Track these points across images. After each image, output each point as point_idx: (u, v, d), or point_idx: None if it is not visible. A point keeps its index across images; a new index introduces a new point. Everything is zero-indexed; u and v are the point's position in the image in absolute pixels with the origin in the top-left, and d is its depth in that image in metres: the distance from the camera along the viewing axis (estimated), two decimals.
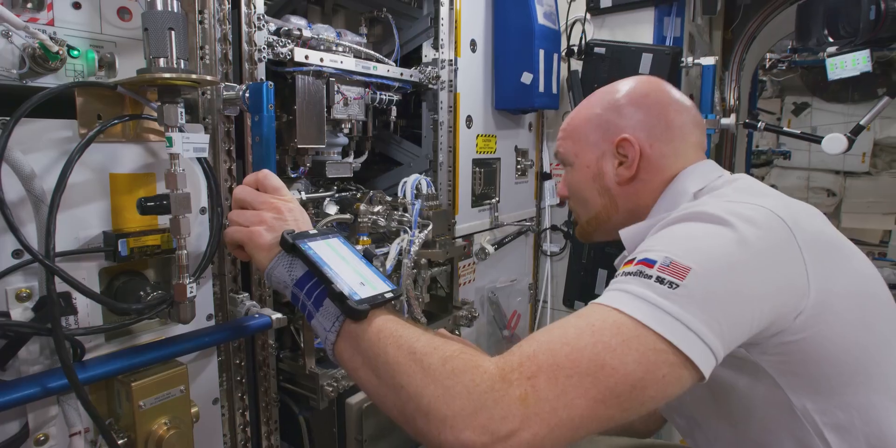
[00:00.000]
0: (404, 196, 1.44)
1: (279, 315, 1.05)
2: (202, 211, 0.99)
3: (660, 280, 0.64)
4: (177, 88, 0.81)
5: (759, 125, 2.35)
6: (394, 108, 1.60)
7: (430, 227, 1.40)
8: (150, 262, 0.97)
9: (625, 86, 0.99)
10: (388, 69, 1.49)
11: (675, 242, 0.71)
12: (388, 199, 1.43)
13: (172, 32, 0.76)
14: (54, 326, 0.72)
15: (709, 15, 2.44)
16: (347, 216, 1.36)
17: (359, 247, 1.29)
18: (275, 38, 1.18)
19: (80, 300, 0.83)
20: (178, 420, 0.91)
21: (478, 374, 0.59)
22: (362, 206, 1.36)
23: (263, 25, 1.12)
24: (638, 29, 2.08)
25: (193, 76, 0.78)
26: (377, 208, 1.37)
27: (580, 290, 2.27)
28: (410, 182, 1.46)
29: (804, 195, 5.51)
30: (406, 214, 1.39)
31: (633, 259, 0.70)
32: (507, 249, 2.14)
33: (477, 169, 1.86)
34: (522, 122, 2.15)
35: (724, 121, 2.06)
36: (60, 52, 0.79)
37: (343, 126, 1.45)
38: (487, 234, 1.98)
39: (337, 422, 1.28)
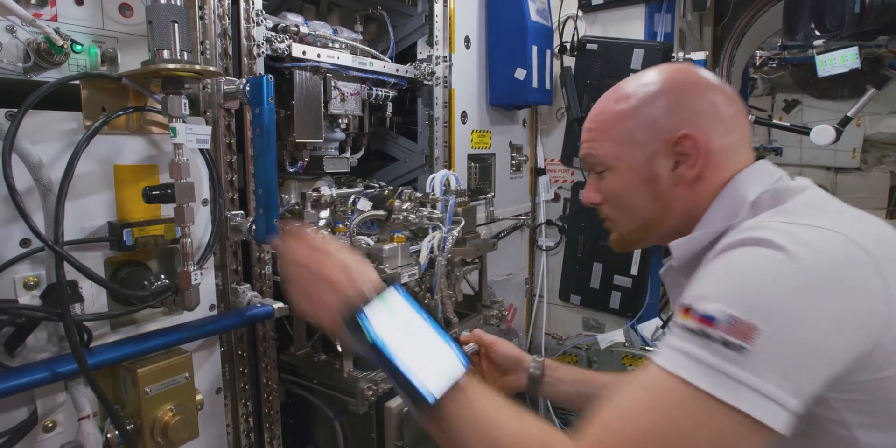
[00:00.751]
0: (433, 192, 1.40)
1: (281, 304, 1.07)
2: (204, 202, 1.01)
3: (725, 344, 0.60)
4: (180, 80, 0.83)
5: (748, 118, 2.38)
6: (389, 105, 1.62)
7: (462, 224, 1.37)
8: (153, 254, 0.98)
9: (659, 76, 0.86)
10: (383, 65, 1.51)
11: (732, 287, 0.65)
12: (418, 195, 1.39)
13: (176, 25, 0.78)
14: (63, 310, 0.73)
15: (699, 11, 2.47)
16: (381, 212, 1.33)
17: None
18: (273, 33, 1.20)
19: (86, 289, 0.84)
20: (184, 406, 0.92)
21: None
22: (396, 202, 1.32)
23: (262, 21, 1.15)
24: (629, 25, 2.11)
25: (197, 67, 0.80)
26: (406, 205, 1.33)
27: (576, 284, 2.29)
28: (439, 178, 1.42)
29: None
30: (435, 211, 1.35)
31: (689, 308, 0.65)
32: (503, 244, 2.16)
33: (472, 164, 1.89)
34: (516, 117, 2.18)
35: None
36: (65, 46, 0.81)
37: (340, 121, 1.47)
38: (483, 228, 2.00)
39: (376, 426, 1.24)
